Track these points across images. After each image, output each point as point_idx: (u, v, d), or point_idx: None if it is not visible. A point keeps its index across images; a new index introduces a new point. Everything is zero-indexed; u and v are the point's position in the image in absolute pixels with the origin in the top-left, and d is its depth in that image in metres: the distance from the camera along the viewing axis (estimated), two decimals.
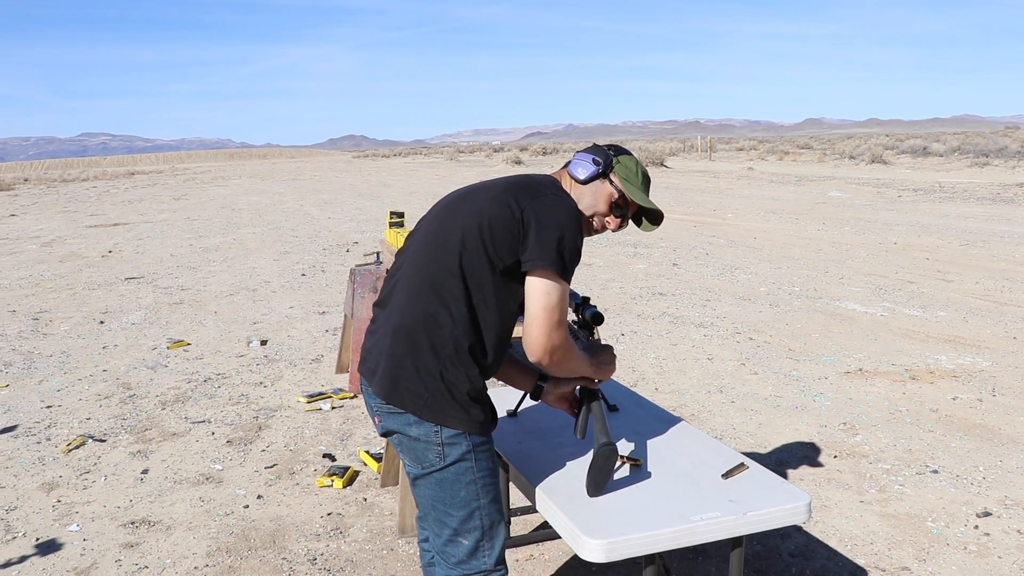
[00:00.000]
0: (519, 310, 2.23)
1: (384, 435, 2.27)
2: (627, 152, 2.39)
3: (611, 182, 2.33)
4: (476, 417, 2.19)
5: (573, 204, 2.22)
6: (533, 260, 2.10)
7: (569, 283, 2.16)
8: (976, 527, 3.61)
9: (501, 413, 3.00)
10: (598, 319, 2.61)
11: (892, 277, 9.48)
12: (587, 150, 2.38)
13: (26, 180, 48.68)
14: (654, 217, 2.42)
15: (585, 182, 2.32)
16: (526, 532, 3.64)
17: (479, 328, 2.17)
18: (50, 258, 12.95)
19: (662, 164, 38.62)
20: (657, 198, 20.13)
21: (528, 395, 2.59)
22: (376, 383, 2.20)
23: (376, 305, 2.34)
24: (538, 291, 2.10)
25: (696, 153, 51.08)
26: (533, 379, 2.55)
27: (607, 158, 2.34)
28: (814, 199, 19.72)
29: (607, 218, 2.35)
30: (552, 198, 2.18)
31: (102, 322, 8.13)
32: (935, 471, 4.20)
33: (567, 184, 2.35)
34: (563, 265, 2.10)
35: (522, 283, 2.15)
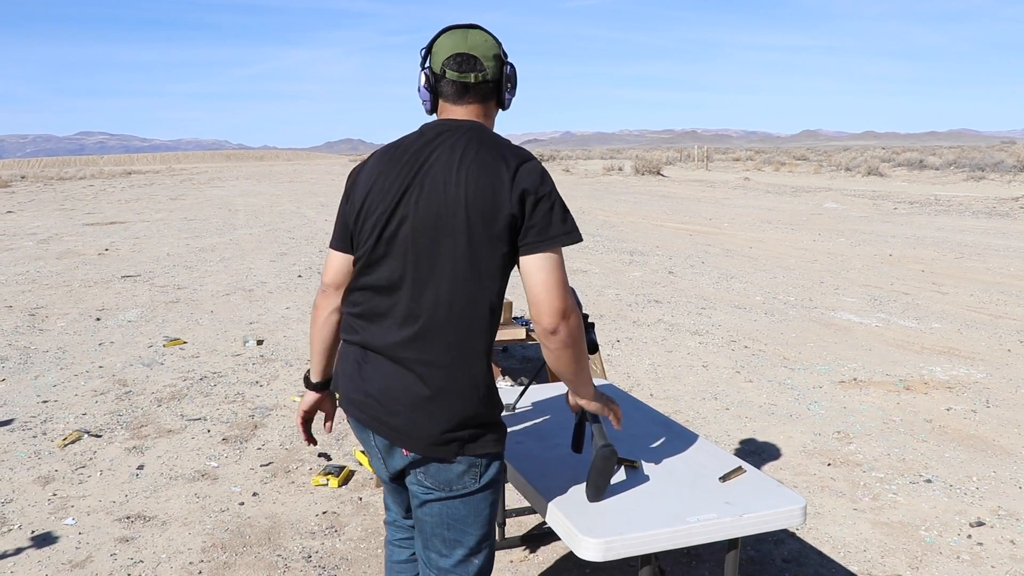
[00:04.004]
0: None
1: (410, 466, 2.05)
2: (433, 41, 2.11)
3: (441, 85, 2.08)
4: (503, 433, 2.08)
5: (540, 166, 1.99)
6: (532, 244, 1.93)
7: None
8: (969, 536, 3.63)
9: (504, 411, 3.02)
10: (593, 348, 2.55)
11: (887, 288, 9.52)
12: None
13: (23, 177, 48.61)
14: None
15: (432, 111, 2.14)
16: (520, 533, 3.65)
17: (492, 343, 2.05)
18: (47, 255, 12.93)
19: (658, 173, 38.69)
20: (653, 207, 20.05)
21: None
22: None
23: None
24: (543, 267, 1.93)
25: (692, 163, 51.22)
26: None
27: (426, 80, 2.10)
28: (810, 210, 19.77)
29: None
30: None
31: (98, 319, 8.13)
32: (928, 480, 4.22)
33: (487, 125, 2.11)
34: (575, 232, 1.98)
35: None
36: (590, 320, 2.71)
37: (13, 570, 3.36)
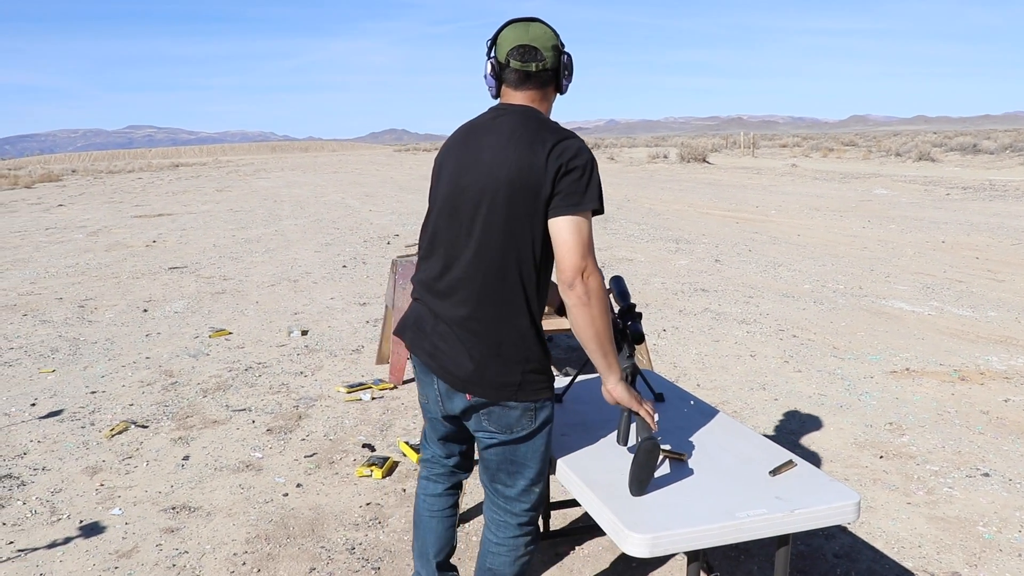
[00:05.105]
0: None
1: (468, 410, 2.35)
2: (499, 35, 2.36)
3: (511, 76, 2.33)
4: (552, 378, 2.37)
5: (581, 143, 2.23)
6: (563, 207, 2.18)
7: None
8: None
9: None
10: (639, 338, 2.56)
11: (940, 276, 9.30)
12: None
13: (74, 171, 49.50)
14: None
15: (497, 95, 2.40)
16: (565, 525, 3.60)
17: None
18: (96, 247, 13.12)
19: (704, 160, 38.32)
20: (699, 194, 19.86)
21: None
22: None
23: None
24: (566, 227, 2.17)
25: (739, 149, 50.66)
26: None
27: (492, 69, 2.37)
28: (859, 196, 19.43)
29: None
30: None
31: (146, 310, 8.22)
32: (986, 474, 4.10)
33: (544, 108, 2.37)
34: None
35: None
36: (637, 310, 2.67)
37: (62, 559, 3.39)
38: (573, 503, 3.69)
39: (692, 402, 3.01)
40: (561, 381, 3.16)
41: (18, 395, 5.58)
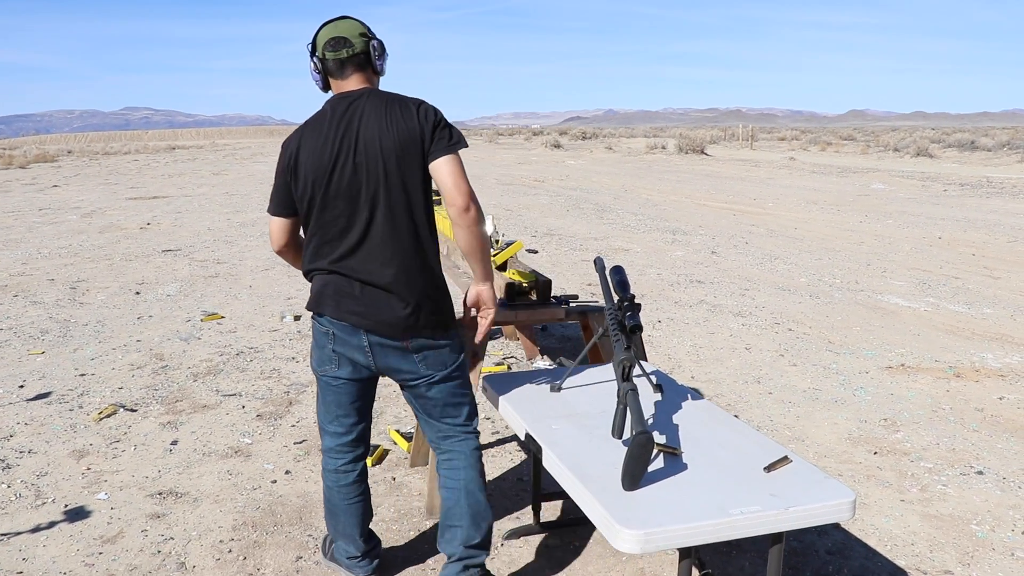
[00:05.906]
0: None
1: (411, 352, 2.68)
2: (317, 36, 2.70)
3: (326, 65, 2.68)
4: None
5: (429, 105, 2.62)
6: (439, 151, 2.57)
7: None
8: None
9: (543, 391, 2.99)
10: (637, 329, 2.67)
11: (936, 272, 9.28)
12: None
13: (70, 152, 49.25)
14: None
15: (326, 88, 2.75)
16: (556, 518, 3.57)
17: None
18: (90, 229, 13.04)
19: (702, 152, 38.26)
20: (697, 186, 19.78)
21: None
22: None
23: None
24: (449, 163, 2.56)
25: (737, 142, 50.62)
26: None
27: (315, 66, 2.70)
28: (857, 191, 19.40)
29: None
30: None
31: (138, 293, 8.16)
32: (980, 472, 4.07)
33: (375, 84, 2.74)
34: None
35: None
36: (636, 301, 2.67)
37: (46, 544, 3.35)
38: (564, 495, 3.66)
39: (686, 395, 2.97)
40: (554, 370, 3.12)
41: (6, 376, 5.53)
